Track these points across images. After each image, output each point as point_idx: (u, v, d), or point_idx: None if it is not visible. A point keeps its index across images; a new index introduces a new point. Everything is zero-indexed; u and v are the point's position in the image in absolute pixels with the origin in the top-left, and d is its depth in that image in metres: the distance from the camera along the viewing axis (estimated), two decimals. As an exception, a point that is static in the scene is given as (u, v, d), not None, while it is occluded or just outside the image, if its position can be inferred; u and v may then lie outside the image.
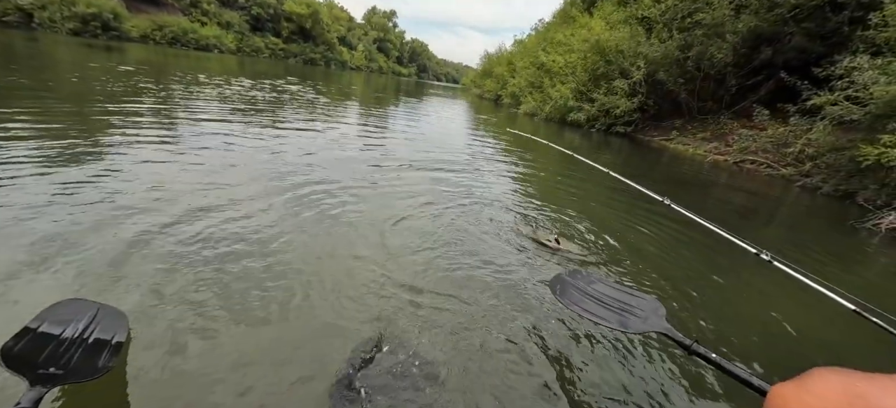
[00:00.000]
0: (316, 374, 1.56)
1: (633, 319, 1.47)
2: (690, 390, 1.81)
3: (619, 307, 1.54)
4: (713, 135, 12.65)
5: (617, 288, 1.69)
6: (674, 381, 1.85)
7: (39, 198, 2.55)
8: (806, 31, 10.47)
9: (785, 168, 9.35)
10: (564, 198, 4.76)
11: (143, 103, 6.62)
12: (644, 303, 1.55)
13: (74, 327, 1.36)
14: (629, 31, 14.12)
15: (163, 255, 2.14)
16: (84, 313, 1.42)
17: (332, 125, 7.65)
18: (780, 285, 2.98)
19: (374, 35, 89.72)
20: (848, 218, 5.92)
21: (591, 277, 1.78)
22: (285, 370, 1.56)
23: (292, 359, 1.61)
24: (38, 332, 1.30)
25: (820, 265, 3.79)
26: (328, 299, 2.02)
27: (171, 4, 46.59)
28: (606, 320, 1.49)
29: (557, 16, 24.78)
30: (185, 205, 2.76)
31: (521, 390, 1.66)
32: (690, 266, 3.19)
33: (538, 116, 17.40)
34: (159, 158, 3.72)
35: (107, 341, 1.36)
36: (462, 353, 1.80)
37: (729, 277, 3.10)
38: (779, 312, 2.66)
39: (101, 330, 1.38)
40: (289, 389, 1.49)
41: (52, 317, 1.36)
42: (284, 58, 58.06)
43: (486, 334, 1.95)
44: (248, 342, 1.66)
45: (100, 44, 25.17)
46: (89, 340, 1.34)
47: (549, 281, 1.82)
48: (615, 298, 1.60)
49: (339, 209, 3.18)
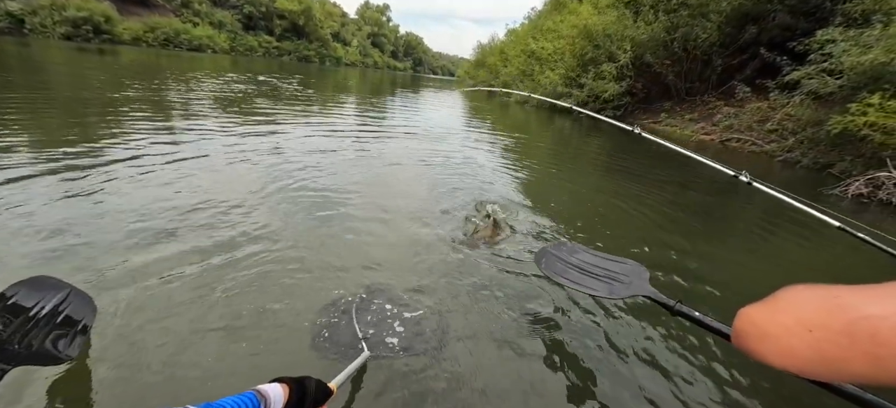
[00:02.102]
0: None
1: (617, 285, 1.47)
2: (676, 348, 1.84)
3: (604, 275, 1.54)
4: (700, 115, 12.77)
5: (601, 256, 1.70)
6: (660, 341, 1.88)
7: (32, 197, 2.62)
8: (790, 8, 10.56)
9: (768, 145, 9.51)
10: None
11: (135, 104, 6.78)
12: (628, 268, 1.56)
13: (43, 305, 1.33)
14: (616, 15, 14.19)
15: (150, 251, 2.13)
16: (55, 292, 1.39)
17: (323, 121, 7.81)
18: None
19: (368, 30, 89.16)
20: (821, 187, 6.10)
21: (574, 248, 1.79)
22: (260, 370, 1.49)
23: (267, 365, 1.52)
24: (7, 303, 1.28)
25: (788, 228, 3.94)
26: (314, 293, 1.96)
27: (163, 6, 46.35)
28: (593, 288, 1.50)
29: (549, 3, 24.75)
30: (177, 203, 2.75)
31: (513, 365, 1.66)
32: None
33: (529, 103, 17.51)
34: (152, 157, 3.76)
35: (74, 326, 1.33)
36: (451, 332, 1.79)
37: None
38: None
39: (69, 312, 1.36)
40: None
41: (23, 291, 1.33)
42: (278, 55, 57.86)
43: (475, 315, 1.93)
44: (226, 344, 1.58)
45: (92, 48, 25.19)
46: (57, 321, 1.31)
47: (534, 255, 1.83)
48: (599, 267, 1.60)
49: (331, 206, 3.17)
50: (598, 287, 1.50)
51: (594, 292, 1.51)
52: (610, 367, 1.71)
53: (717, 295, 2.39)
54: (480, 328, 1.85)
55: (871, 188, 5.50)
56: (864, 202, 5.44)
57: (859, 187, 5.45)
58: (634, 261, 1.60)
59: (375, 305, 1.89)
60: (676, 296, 1.25)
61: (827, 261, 2.61)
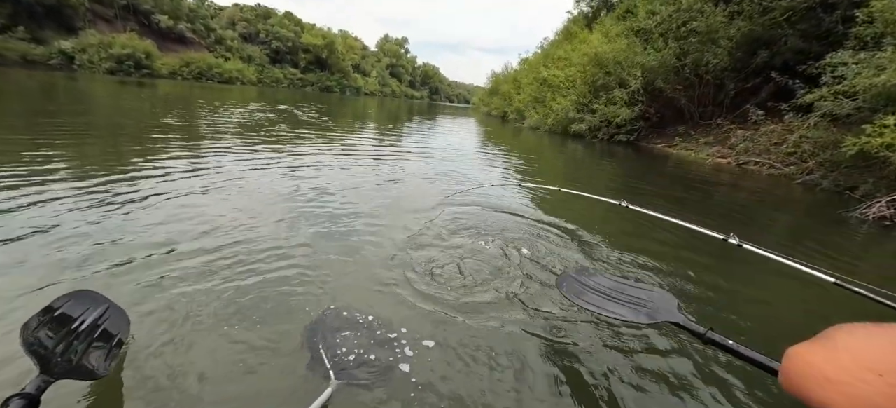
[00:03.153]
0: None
1: (644, 311, 1.41)
2: (706, 377, 1.75)
3: (628, 301, 1.48)
4: (715, 139, 12.61)
5: (624, 283, 1.64)
6: (689, 370, 1.79)
7: (69, 215, 2.86)
8: (801, 32, 10.54)
9: (787, 167, 9.28)
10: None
11: (166, 131, 7.31)
12: (654, 295, 1.49)
13: (84, 319, 1.39)
14: (626, 43, 14.43)
15: (179, 269, 2.22)
16: (96, 306, 1.46)
17: (345, 147, 8.16)
18: (757, 271, 2.97)
19: (386, 61, 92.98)
20: (841, 209, 5.91)
21: (596, 275, 1.72)
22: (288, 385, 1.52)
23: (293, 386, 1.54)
24: (54, 315, 1.34)
25: (812, 253, 3.79)
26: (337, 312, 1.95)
27: (198, 42, 49.97)
28: (618, 313, 1.43)
29: (560, 34, 25.39)
30: (207, 225, 2.87)
31: (537, 388, 1.60)
32: (660, 262, 3.04)
33: (541, 128, 17.70)
34: (184, 181, 4.01)
35: (110, 340, 1.38)
36: (471, 350, 1.77)
37: (704, 270, 3.00)
38: (759, 295, 2.65)
39: (107, 327, 1.41)
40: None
41: (68, 304, 1.41)
42: (302, 86, 60.80)
43: (497, 339, 1.88)
44: (255, 361, 1.61)
45: (132, 81, 27.20)
46: (96, 335, 1.37)
47: (556, 279, 1.77)
48: (624, 293, 1.54)
49: (350, 224, 3.25)
50: (623, 312, 1.42)
51: (619, 317, 1.43)
52: (638, 393, 1.61)
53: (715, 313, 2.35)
54: (488, 354, 1.77)
55: (894, 210, 5.29)
56: (887, 225, 5.22)
57: (881, 209, 5.25)
58: (662, 289, 1.57)
59: (350, 331, 1.81)
60: (705, 326, 1.17)
61: (825, 316, 2.49)
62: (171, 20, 45.67)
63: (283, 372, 1.57)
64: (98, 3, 39.84)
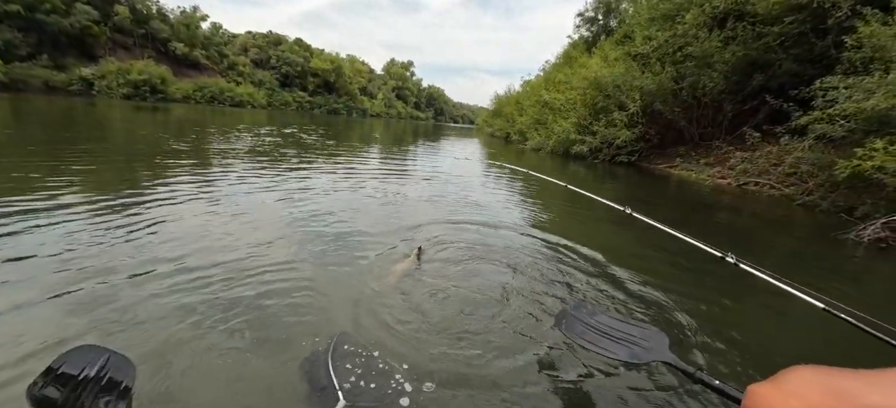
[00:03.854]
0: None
1: (638, 350, 1.47)
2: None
3: (624, 339, 1.55)
4: (716, 160, 12.71)
5: (621, 320, 1.72)
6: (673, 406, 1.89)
7: (80, 237, 2.99)
8: (795, 56, 10.76)
9: (788, 188, 9.33)
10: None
11: (175, 153, 7.63)
12: (649, 333, 1.57)
13: (88, 372, 1.44)
14: (625, 67, 14.77)
15: (185, 301, 2.29)
16: (97, 358, 1.51)
17: (347, 168, 8.42)
18: (750, 292, 3.04)
19: (392, 84, 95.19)
20: (838, 231, 5.94)
21: (595, 310, 1.81)
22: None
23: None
24: (58, 373, 1.40)
25: (807, 275, 3.84)
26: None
27: (212, 68, 51.82)
28: (613, 352, 1.50)
29: (560, 58, 26.02)
30: (216, 253, 2.95)
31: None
32: (658, 278, 3.15)
33: (543, 149, 17.95)
34: (193, 204, 4.18)
35: (116, 387, 1.44)
36: (470, 385, 1.83)
37: (698, 288, 3.07)
38: (750, 317, 2.73)
39: (112, 375, 1.47)
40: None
41: (69, 361, 1.46)
42: (310, 109, 62.32)
43: (496, 370, 1.96)
44: (262, 386, 1.70)
45: (147, 106, 28.22)
46: (102, 385, 1.43)
47: (555, 316, 1.87)
48: (620, 330, 1.61)
49: (356, 248, 3.35)
50: (618, 351, 1.50)
51: (614, 356, 1.50)
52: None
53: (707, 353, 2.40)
54: (488, 387, 1.85)
55: (889, 232, 5.32)
56: (883, 247, 5.24)
57: (876, 231, 5.28)
58: (656, 327, 1.62)
59: (357, 352, 1.90)
60: (696, 365, 1.28)
61: (812, 343, 2.57)
62: (186, 47, 47.57)
63: (294, 395, 1.66)
64: (119, 33, 41.79)
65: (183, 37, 47.93)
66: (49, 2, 33.19)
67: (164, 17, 47.55)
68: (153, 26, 44.81)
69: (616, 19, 22.06)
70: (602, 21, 23.52)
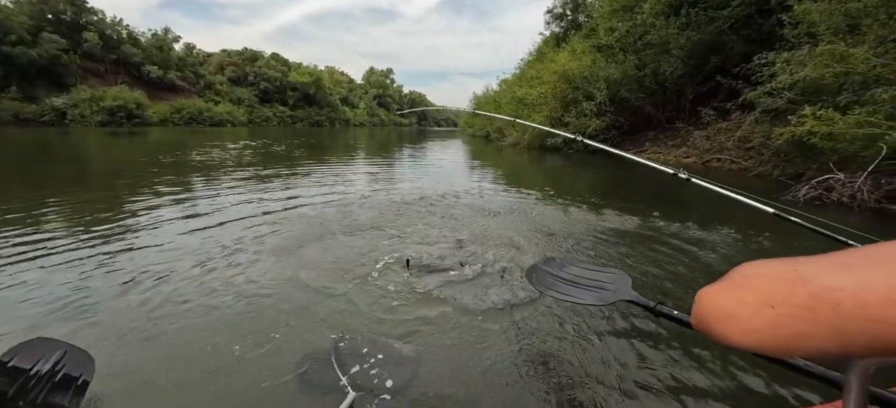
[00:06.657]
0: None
1: (604, 293, 1.55)
2: (658, 345, 2.09)
3: (591, 285, 1.63)
4: (682, 141, 13.32)
5: (587, 267, 1.81)
6: (643, 340, 2.14)
7: (57, 259, 3.04)
8: (745, 37, 11.41)
9: (746, 161, 9.90)
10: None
11: (152, 178, 7.74)
12: (612, 276, 1.65)
13: (43, 364, 1.40)
14: (591, 59, 15.33)
15: (156, 308, 2.34)
16: (52, 351, 1.47)
17: (338, 178, 8.61)
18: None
19: (374, 92, 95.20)
20: (782, 193, 6.41)
21: (563, 263, 1.88)
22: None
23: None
24: (7, 366, 1.36)
25: (755, 231, 4.19)
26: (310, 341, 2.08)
27: (188, 89, 51.14)
28: (581, 298, 1.59)
29: (533, 54, 26.63)
30: (193, 269, 2.95)
31: (509, 376, 1.87)
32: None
33: (520, 144, 18.40)
34: (174, 224, 4.20)
35: (73, 381, 1.41)
36: (446, 345, 2.02)
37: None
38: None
39: (68, 369, 1.43)
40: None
41: (21, 353, 1.42)
42: (292, 123, 61.82)
43: (473, 332, 2.15)
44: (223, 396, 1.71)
45: (124, 131, 27.77)
46: (56, 379, 1.39)
47: (525, 271, 1.93)
48: (586, 278, 1.70)
49: (344, 249, 3.43)
50: (585, 297, 1.59)
51: (583, 302, 1.60)
52: (603, 371, 1.93)
53: (671, 286, 2.73)
54: (472, 360, 1.99)
55: (822, 191, 5.80)
56: (818, 205, 5.72)
57: (809, 191, 5.77)
58: (617, 269, 1.73)
59: (358, 346, 1.98)
60: (654, 299, 1.35)
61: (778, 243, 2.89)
62: (160, 70, 46.91)
63: (301, 391, 1.74)
64: (90, 60, 41.02)
65: (156, 59, 47.27)
66: (13, 33, 32.50)
67: (136, 40, 46.83)
68: (125, 51, 44.09)
69: (584, 14, 22.75)
70: (570, 16, 24.18)
